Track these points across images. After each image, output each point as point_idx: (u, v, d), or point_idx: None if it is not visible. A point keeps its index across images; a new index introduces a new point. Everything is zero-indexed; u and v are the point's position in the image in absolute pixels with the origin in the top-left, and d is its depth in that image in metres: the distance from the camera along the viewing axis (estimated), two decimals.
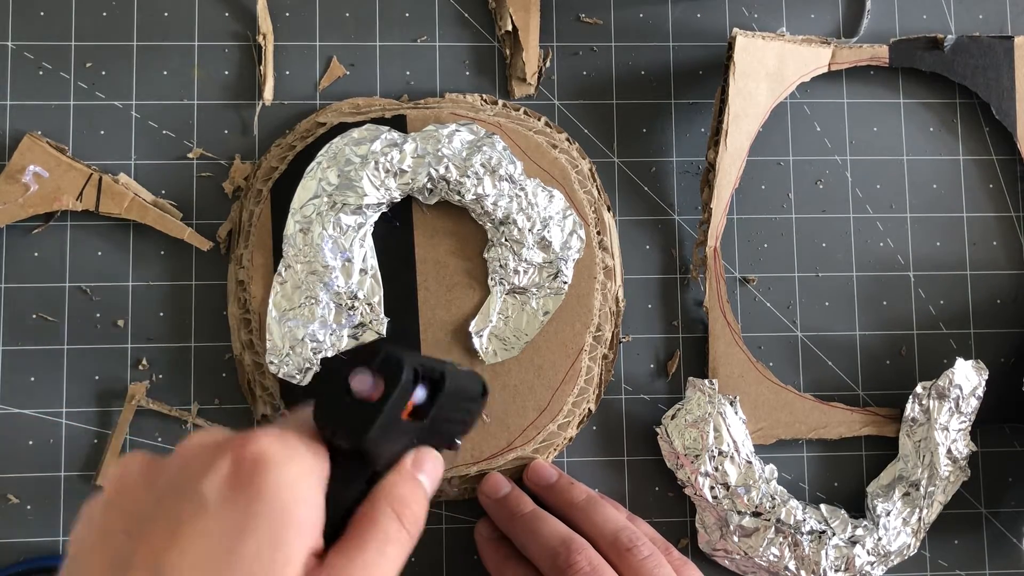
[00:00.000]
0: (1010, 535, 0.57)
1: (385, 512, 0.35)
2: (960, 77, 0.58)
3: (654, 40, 0.58)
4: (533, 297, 0.53)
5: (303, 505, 0.33)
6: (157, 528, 0.32)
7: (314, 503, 0.33)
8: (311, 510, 0.33)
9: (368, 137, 0.51)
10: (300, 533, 0.32)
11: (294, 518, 0.32)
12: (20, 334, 0.54)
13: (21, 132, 0.54)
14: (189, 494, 0.32)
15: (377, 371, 0.34)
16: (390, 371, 0.34)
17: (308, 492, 0.33)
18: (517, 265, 0.52)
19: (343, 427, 0.34)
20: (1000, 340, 0.58)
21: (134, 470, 0.35)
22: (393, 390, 0.34)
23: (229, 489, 0.32)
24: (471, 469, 0.53)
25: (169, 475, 0.34)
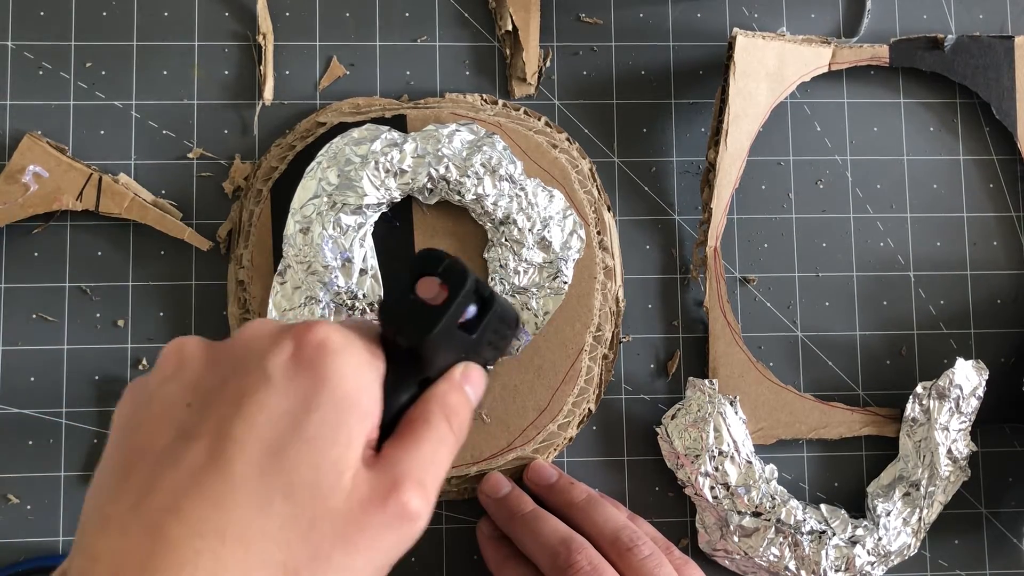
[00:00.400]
0: (1010, 535, 0.57)
1: (438, 415, 0.36)
2: (960, 77, 0.58)
3: (654, 40, 0.58)
4: (533, 297, 0.53)
5: (364, 392, 0.33)
6: (222, 400, 0.32)
7: (373, 393, 0.34)
8: (371, 399, 0.34)
9: (368, 137, 0.51)
10: (361, 419, 0.33)
11: (356, 403, 0.33)
12: (20, 334, 0.54)
13: (21, 132, 0.54)
14: (253, 370, 0.33)
15: (443, 277, 0.36)
16: (455, 278, 0.35)
17: (368, 381, 0.34)
18: (517, 265, 0.52)
19: (407, 327, 0.35)
20: (1000, 340, 0.58)
21: (191, 350, 0.35)
22: (457, 296, 0.35)
23: (293, 369, 0.33)
24: (471, 469, 0.53)
25: (230, 355, 0.34)
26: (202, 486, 0.31)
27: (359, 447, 0.33)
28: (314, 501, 0.31)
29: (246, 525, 0.31)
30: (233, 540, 0.30)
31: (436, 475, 0.35)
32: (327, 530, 0.32)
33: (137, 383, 0.35)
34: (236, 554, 0.30)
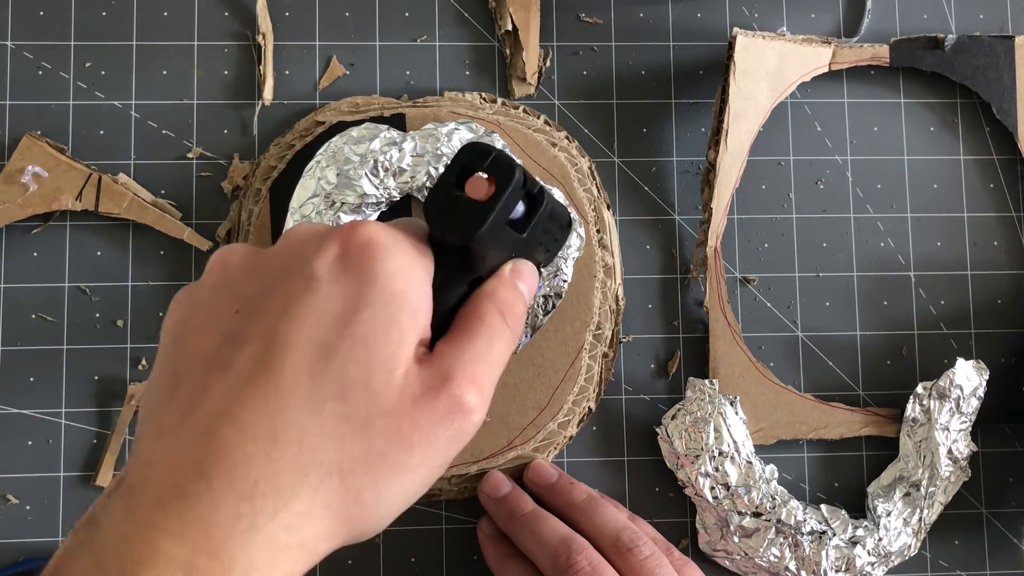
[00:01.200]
0: (1011, 535, 0.57)
1: (490, 310, 0.36)
2: (961, 77, 0.58)
3: (654, 40, 0.58)
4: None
5: (413, 291, 0.33)
6: (270, 304, 0.33)
7: (423, 292, 0.34)
8: (421, 298, 0.34)
9: (367, 136, 0.51)
10: (411, 316, 0.33)
11: (406, 301, 0.33)
12: (20, 334, 0.54)
13: (21, 132, 0.54)
14: (300, 273, 0.33)
15: (489, 172, 0.35)
16: (502, 173, 0.35)
17: (417, 280, 0.34)
18: None
19: (454, 224, 0.34)
20: (1000, 340, 0.58)
21: (237, 257, 0.35)
22: (504, 191, 0.34)
23: (340, 270, 0.33)
24: (471, 468, 0.53)
25: (276, 260, 0.34)
26: (253, 389, 0.31)
27: (411, 345, 0.33)
28: (366, 399, 0.32)
29: (298, 426, 0.31)
30: (286, 441, 0.30)
31: (491, 369, 0.35)
32: (380, 428, 0.32)
33: (184, 292, 0.36)
34: (289, 455, 0.30)
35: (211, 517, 0.29)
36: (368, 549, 0.54)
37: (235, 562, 0.29)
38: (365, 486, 0.32)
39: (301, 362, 0.31)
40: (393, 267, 0.33)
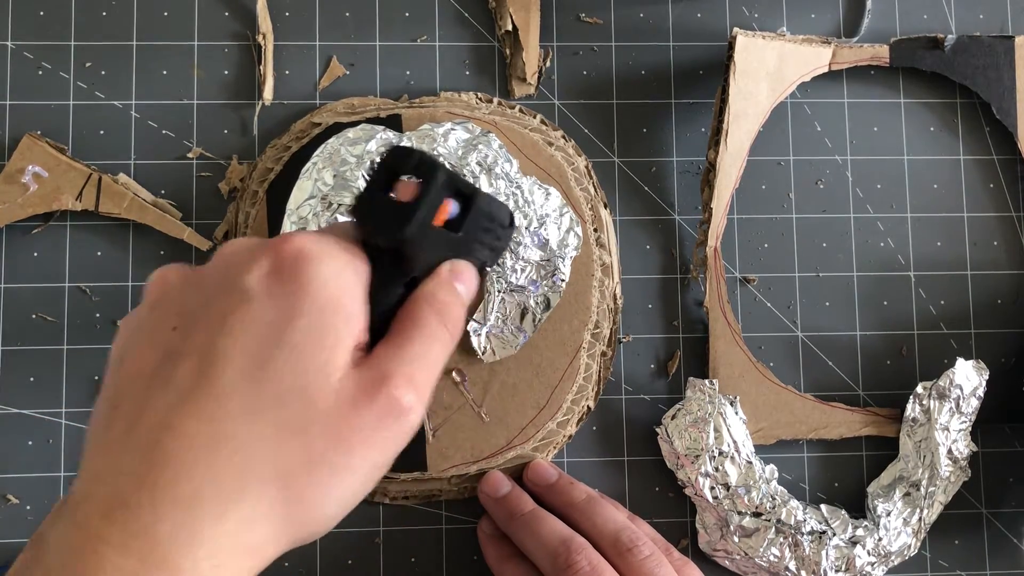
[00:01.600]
0: (1011, 535, 0.57)
1: (427, 312, 0.36)
2: (961, 77, 0.58)
3: (654, 40, 0.58)
4: (531, 295, 0.53)
5: (346, 296, 0.34)
6: (206, 320, 0.33)
7: (357, 296, 0.34)
8: (355, 302, 0.34)
9: (363, 137, 0.51)
10: (346, 321, 0.33)
11: (339, 306, 0.33)
12: (20, 334, 0.54)
13: (21, 132, 0.54)
14: (234, 287, 0.33)
15: (415, 174, 0.36)
16: (426, 172, 0.36)
17: (350, 285, 0.34)
18: (515, 263, 0.52)
19: (382, 226, 0.35)
20: (1000, 340, 0.58)
21: (175, 277, 0.36)
22: (429, 190, 0.35)
23: (273, 282, 0.33)
24: (471, 468, 0.53)
25: (211, 277, 0.35)
26: (192, 402, 0.31)
27: (347, 349, 0.33)
28: (304, 405, 0.32)
29: (238, 434, 0.31)
30: (226, 449, 0.31)
31: (427, 370, 0.35)
32: (319, 432, 0.32)
33: (127, 318, 0.36)
34: (230, 462, 0.31)
35: (155, 527, 0.30)
36: (368, 549, 0.54)
37: (180, 570, 0.30)
38: (307, 488, 0.32)
39: (238, 373, 0.32)
40: (325, 274, 0.33)
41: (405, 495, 0.54)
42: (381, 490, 0.54)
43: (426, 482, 0.54)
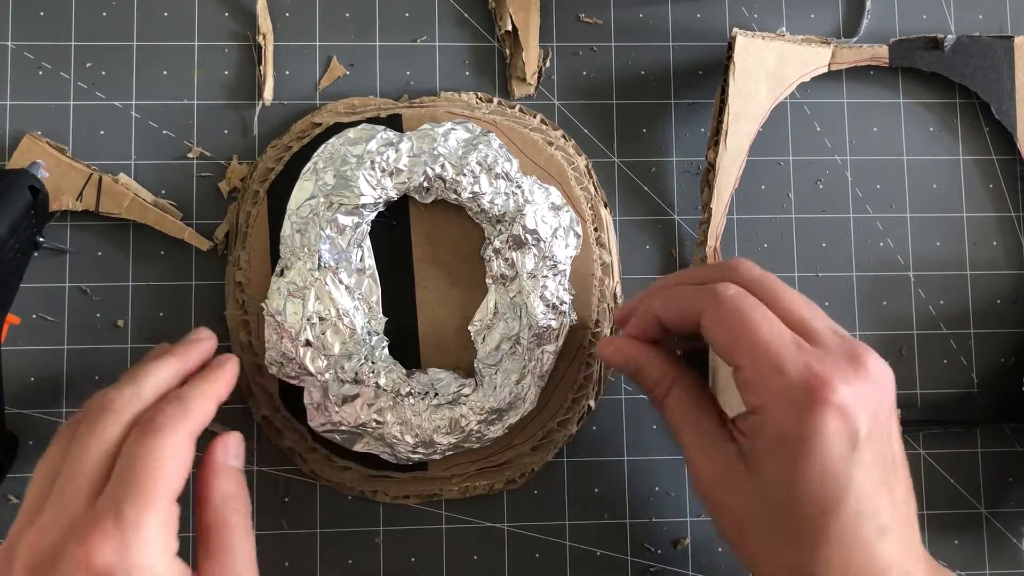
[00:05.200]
0: (1010, 535, 0.57)
1: (233, 517, 0.42)
2: (960, 77, 0.58)
3: (654, 40, 0.58)
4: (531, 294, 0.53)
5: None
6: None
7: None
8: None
9: (364, 137, 0.51)
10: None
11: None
12: (20, 334, 0.54)
13: (21, 132, 0.54)
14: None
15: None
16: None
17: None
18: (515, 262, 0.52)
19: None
20: (1000, 340, 0.58)
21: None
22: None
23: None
24: (471, 468, 0.53)
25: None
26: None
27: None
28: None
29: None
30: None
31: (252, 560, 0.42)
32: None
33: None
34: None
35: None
36: (368, 549, 0.54)
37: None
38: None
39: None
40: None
41: (405, 495, 0.54)
42: (381, 490, 0.54)
43: (426, 482, 0.54)
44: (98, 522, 0.36)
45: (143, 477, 0.38)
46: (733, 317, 0.41)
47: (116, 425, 0.40)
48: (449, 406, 0.51)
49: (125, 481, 0.38)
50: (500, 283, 0.53)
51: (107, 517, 0.36)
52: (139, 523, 0.37)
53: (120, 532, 0.36)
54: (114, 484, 0.38)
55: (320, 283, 0.50)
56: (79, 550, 0.36)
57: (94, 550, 0.36)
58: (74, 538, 0.36)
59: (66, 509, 0.37)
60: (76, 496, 0.38)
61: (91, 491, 0.38)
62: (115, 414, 0.40)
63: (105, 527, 0.36)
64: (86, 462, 0.39)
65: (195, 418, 0.41)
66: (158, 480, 0.38)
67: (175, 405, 0.41)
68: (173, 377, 0.43)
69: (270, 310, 0.50)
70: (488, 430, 0.52)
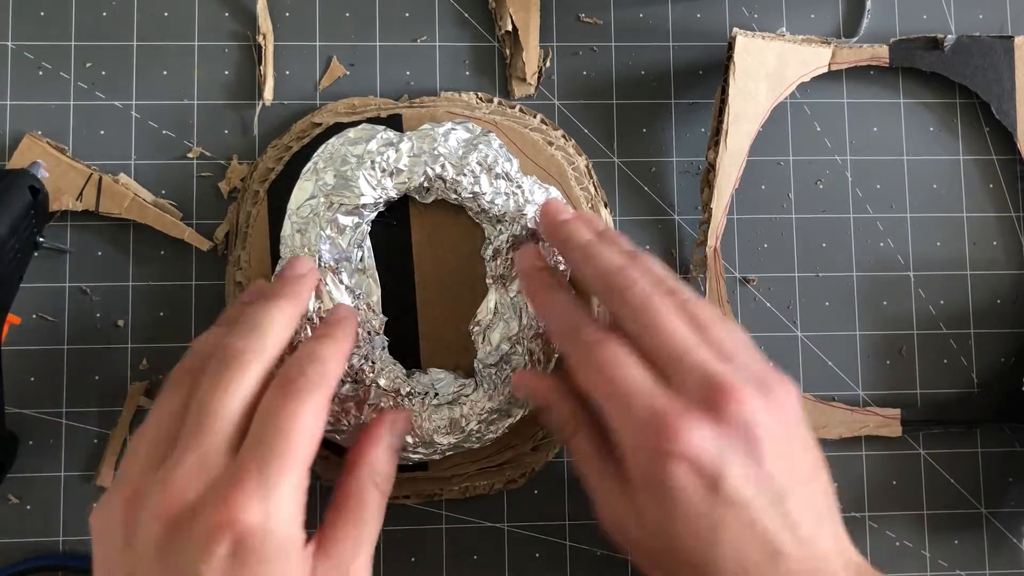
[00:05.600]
0: (1010, 535, 0.57)
1: (369, 491, 0.42)
2: (960, 77, 0.58)
3: (654, 40, 0.58)
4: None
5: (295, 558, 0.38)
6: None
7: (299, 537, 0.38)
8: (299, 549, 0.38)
9: (364, 137, 0.51)
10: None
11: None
12: (20, 334, 0.54)
13: (21, 132, 0.54)
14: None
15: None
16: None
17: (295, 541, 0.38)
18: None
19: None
20: (1000, 340, 0.58)
21: (108, 524, 0.37)
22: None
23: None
24: (471, 468, 0.53)
25: (148, 550, 0.36)
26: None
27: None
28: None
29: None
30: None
31: (371, 545, 0.41)
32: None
33: (93, 515, 0.39)
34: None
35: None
36: None
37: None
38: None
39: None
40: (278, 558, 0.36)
41: (405, 495, 0.54)
42: None
43: (426, 482, 0.54)
44: (242, 481, 0.35)
45: (286, 439, 0.37)
46: (590, 365, 0.42)
47: (249, 378, 0.38)
48: (449, 406, 0.51)
49: (268, 442, 0.36)
50: (500, 283, 0.52)
51: (251, 476, 0.35)
52: (280, 486, 0.36)
53: (264, 491, 0.35)
54: (255, 443, 0.37)
55: (320, 283, 0.50)
56: (222, 507, 0.35)
57: (239, 509, 0.35)
58: (216, 494, 0.35)
59: (204, 462, 0.36)
60: (214, 449, 0.37)
61: (229, 446, 0.37)
62: (246, 366, 0.39)
63: (249, 487, 0.35)
64: (222, 415, 0.37)
65: (332, 381, 0.40)
66: (300, 444, 0.37)
67: (315, 368, 0.40)
68: (293, 324, 0.42)
69: None
70: (488, 430, 0.52)
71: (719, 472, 0.38)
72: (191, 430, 0.37)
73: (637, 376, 0.40)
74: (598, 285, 0.44)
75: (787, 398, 0.41)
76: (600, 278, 0.44)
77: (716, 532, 0.38)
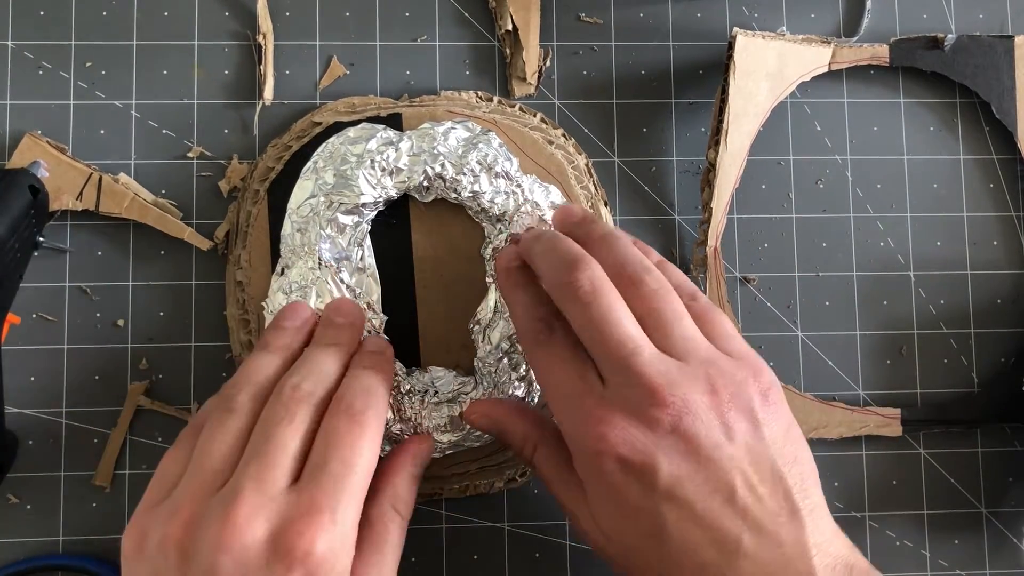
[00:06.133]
0: (1010, 535, 0.57)
1: (393, 521, 0.44)
2: (960, 76, 0.58)
3: (654, 40, 0.58)
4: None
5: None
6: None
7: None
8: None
9: (364, 136, 0.51)
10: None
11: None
12: (20, 334, 0.54)
13: (21, 132, 0.54)
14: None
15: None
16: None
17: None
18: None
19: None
20: (1000, 340, 0.58)
21: (152, 539, 0.38)
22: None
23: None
24: (471, 467, 0.53)
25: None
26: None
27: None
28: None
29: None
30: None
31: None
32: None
33: (125, 537, 0.39)
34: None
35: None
36: None
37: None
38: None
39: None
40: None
41: None
42: None
43: (426, 481, 0.54)
44: (316, 511, 0.36)
45: (352, 471, 0.38)
46: (534, 365, 0.44)
47: (307, 414, 0.40)
48: (449, 404, 0.51)
49: (335, 473, 0.38)
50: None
51: (324, 507, 0.37)
52: (347, 512, 0.37)
53: (333, 525, 0.36)
54: (320, 474, 0.38)
55: (321, 282, 0.50)
56: (298, 540, 0.36)
57: (315, 539, 0.36)
58: (288, 525, 0.36)
59: (267, 493, 0.37)
60: (277, 481, 0.37)
61: (290, 477, 0.38)
62: (307, 405, 0.40)
63: (323, 518, 0.36)
64: (287, 448, 0.39)
65: (384, 412, 0.42)
66: (363, 474, 0.39)
67: (374, 402, 0.41)
68: (342, 368, 0.44)
69: (271, 309, 0.51)
70: None
71: (653, 468, 0.38)
72: (255, 459, 0.38)
73: (576, 379, 0.41)
74: (552, 278, 0.44)
75: (751, 386, 0.41)
76: (555, 271, 0.44)
77: (662, 529, 0.38)
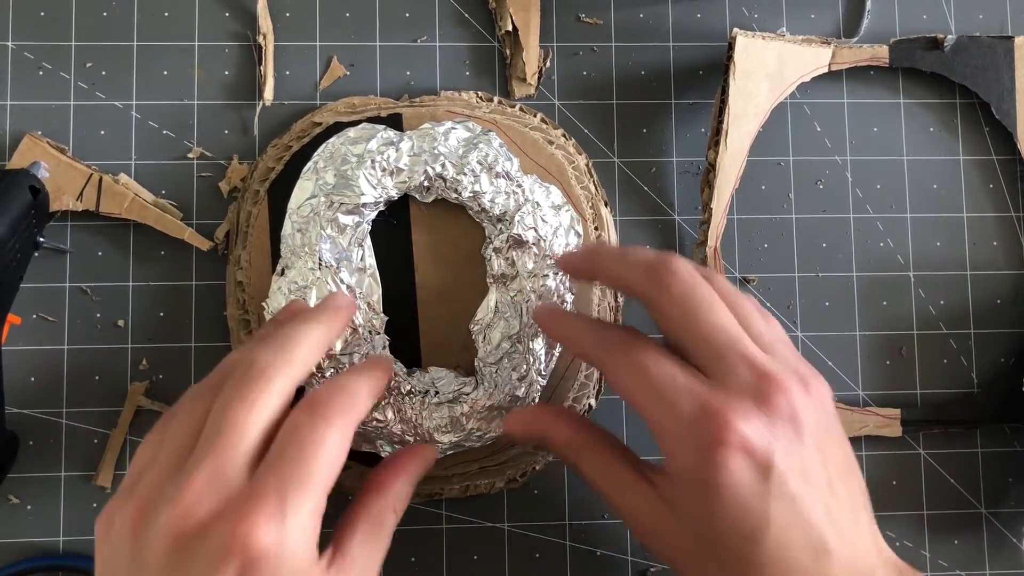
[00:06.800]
0: (1010, 535, 0.57)
1: (387, 513, 0.43)
2: (960, 77, 0.58)
3: (654, 40, 0.58)
4: (532, 294, 0.53)
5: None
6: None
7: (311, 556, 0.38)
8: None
9: (364, 136, 0.51)
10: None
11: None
12: (20, 334, 0.54)
13: (21, 132, 0.54)
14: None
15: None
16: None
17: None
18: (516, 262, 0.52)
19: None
20: (1000, 340, 0.58)
21: (119, 527, 0.36)
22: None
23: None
24: (472, 467, 0.53)
25: (157, 558, 0.35)
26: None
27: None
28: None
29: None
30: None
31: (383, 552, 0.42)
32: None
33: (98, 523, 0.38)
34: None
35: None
36: None
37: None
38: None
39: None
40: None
41: None
42: None
43: (426, 482, 0.54)
44: (261, 501, 0.34)
45: (309, 462, 0.36)
46: (628, 369, 0.42)
47: (272, 396, 0.37)
48: (449, 404, 0.51)
49: (291, 463, 0.36)
50: (501, 282, 0.52)
51: (270, 498, 0.34)
52: (300, 509, 0.35)
53: (282, 516, 0.34)
54: (277, 462, 0.36)
55: (321, 282, 0.50)
56: (238, 526, 0.34)
57: (254, 530, 0.34)
58: (231, 513, 0.34)
59: (220, 479, 0.35)
60: (232, 467, 0.35)
61: (247, 463, 0.36)
62: (270, 383, 0.37)
63: (268, 508, 0.34)
64: (243, 430, 0.36)
65: (361, 412, 0.39)
66: (323, 468, 0.36)
67: (345, 398, 0.39)
68: (322, 349, 0.41)
69: (271, 309, 0.51)
70: (489, 429, 0.52)
71: (771, 461, 0.38)
72: (209, 442, 0.36)
73: (677, 373, 0.40)
74: (639, 278, 0.43)
75: (824, 393, 0.41)
76: (643, 270, 0.43)
77: (763, 527, 0.38)
